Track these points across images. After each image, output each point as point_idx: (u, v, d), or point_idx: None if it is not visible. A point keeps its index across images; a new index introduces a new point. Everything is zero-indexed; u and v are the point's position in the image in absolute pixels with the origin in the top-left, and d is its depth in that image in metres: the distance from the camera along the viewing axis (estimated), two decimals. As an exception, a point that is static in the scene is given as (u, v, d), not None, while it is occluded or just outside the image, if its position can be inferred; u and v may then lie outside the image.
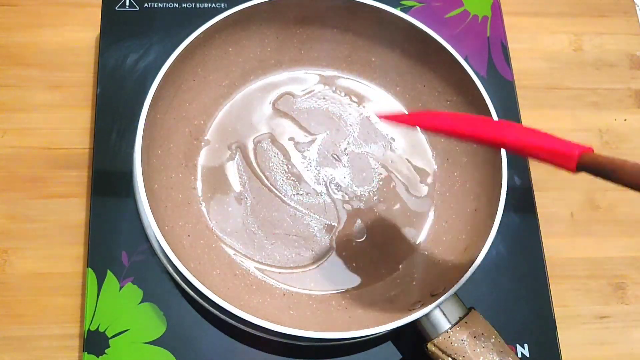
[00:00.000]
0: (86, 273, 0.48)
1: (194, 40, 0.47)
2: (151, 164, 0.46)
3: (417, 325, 0.44)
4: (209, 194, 0.50)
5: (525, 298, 0.51)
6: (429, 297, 0.45)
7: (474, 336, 0.43)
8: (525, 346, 0.49)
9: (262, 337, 0.46)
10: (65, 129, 0.54)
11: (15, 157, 0.53)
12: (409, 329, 0.44)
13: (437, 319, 0.44)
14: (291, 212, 0.51)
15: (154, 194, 0.45)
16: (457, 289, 0.43)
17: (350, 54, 0.54)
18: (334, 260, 0.50)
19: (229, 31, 0.50)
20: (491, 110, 0.48)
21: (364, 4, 0.50)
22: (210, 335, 0.47)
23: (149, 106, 0.45)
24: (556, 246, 0.55)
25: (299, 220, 0.50)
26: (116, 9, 0.56)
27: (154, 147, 0.47)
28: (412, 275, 0.49)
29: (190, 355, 0.46)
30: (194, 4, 0.57)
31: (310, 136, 0.53)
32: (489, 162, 0.49)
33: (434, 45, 0.50)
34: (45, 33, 0.57)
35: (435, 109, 0.53)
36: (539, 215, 0.53)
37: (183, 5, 0.56)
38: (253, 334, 0.46)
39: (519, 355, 0.49)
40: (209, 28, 0.48)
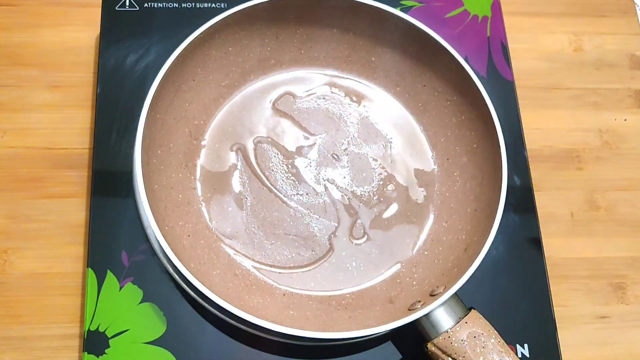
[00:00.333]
0: (86, 273, 0.48)
1: (194, 40, 0.47)
2: (151, 164, 0.46)
3: (417, 325, 0.44)
4: (208, 194, 0.50)
5: (525, 298, 0.50)
6: (429, 297, 0.45)
7: (474, 336, 0.43)
8: (525, 346, 0.49)
9: (262, 337, 0.46)
10: (65, 129, 0.54)
11: (15, 157, 0.53)
12: (409, 329, 0.44)
13: (437, 319, 0.44)
14: (291, 212, 0.51)
15: (154, 194, 0.45)
16: (457, 289, 0.43)
17: (350, 54, 0.54)
18: (334, 260, 0.50)
19: (229, 31, 0.50)
20: (491, 110, 0.48)
21: (363, 4, 0.50)
22: (210, 335, 0.47)
23: (149, 106, 0.45)
24: (556, 246, 0.55)
25: (299, 220, 0.50)
26: (116, 9, 0.56)
27: (153, 147, 0.47)
28: (412, 275, 0.49)
29: (190, 355, 0.46)
30: (194, 4, 0.57)
31: (310, 136, 0.53)
32: (489, 161, 0.49)
33: (433, 45, 0.50)
34: (45, 33, 0.57)
35: (435, 108, 0.53)
36: (539, 216, 0.53)
37: (183, 5, 0.56)
38: (253, 334, 0.46)
39: (519, 355, 0.49)
40: (209, 28, 0.48)
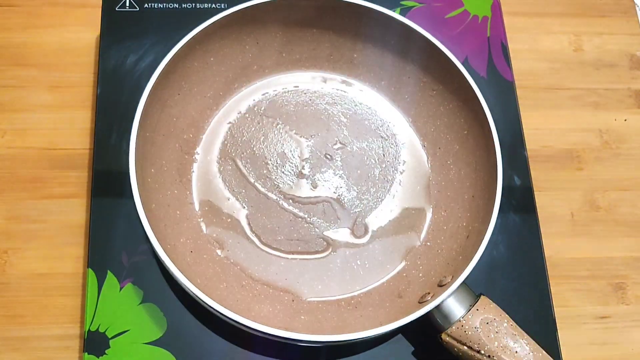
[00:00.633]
0: (86, 273, 0.48)
1: (175, 54, 0.47)
2: (146, 183, 0.46)
3: (429, 317, 0.44)
4: (206, 208, 0.50)
5: (525, 298, 0.50)
6: (438, 288, 0.45)
7: (487, 322, 0.43)
8: (526, 346, 0.49)
9: (260, 337, 0.46)
10: (65, 130, 0.54)
11: (15, 158, 0.53)
12: (420, 321, 0.44)
13: (448, 309, 0.43)
14: (290, 217, 0.50)
15: (152, 214, 0.45)
16: (465, 277, 0.43)
17: (332, 52, 0.54)
18: (338, 262, 0.50)
19: (208, 41, 0.50)
20: (477, 94, 0.48)
21: (340, 1, 0.50)
22: (210, 335, 0.47)
23: (137, 125, 0.45)
24: (556, 246, 0.55)
25: (299, 224, 0.50)
26: (116, 9, 0.56)
27: (146, 166, 0.47)
28: (418, 268, 0.49)
29: (190, 355, 0.46)
30: (194, 4, 0.57)
31: (300, 139, 0.53)
32: (481, 146, 0.49)
33: (414, 35, 0.50)
34: (45, 33, 0.57)
35: (422, 99, 0.53)
36: (539, 216, 0.53)
37: (183, 5, 0.56)
38: (252, 334, 0.45)
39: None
40: (189, 40, 0.48)
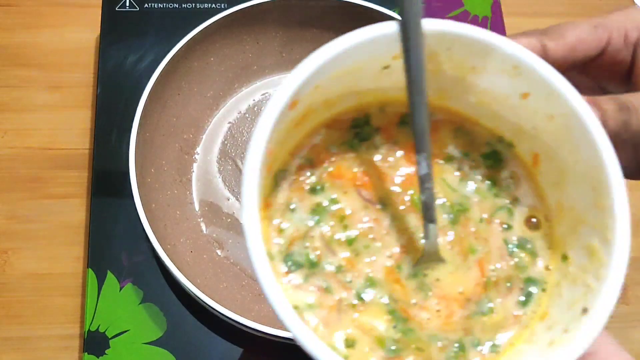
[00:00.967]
0: (86, 273, 0.48)
1: (175, 54, 0.47)
2: (146, 183, 0.46)
3: None
4: (205, 208, 0.50)
5: (525, 298, 0.50)
6: None
7: None
8: (526, 346, 0.49)
9: (260, 337, 0.46)
10: (65, 130, 0.54)
11: (15, 158, 0.53)
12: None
13: None
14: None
15: (152, 214, 0.45)
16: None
17: None
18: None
19: (208, 41, 0.50)
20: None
21: (341, 2, 0.50)
22: (209, 335, 0.47)
23: (137, 126, 0.45)
24: (556, 246, 0.54)
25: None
26: (116, 9, 0.55)
27: (146, 166, 0.47)
28: None
29: (190, 355, 0.46)
30: (194, 4, 0.57)
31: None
32: None
33: None
34: (45, 34, 0.57)
35: None
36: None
37: (183, 5, 0.56)
38: (252, 335, 0.45)
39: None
40: (188, 41, 0.48)
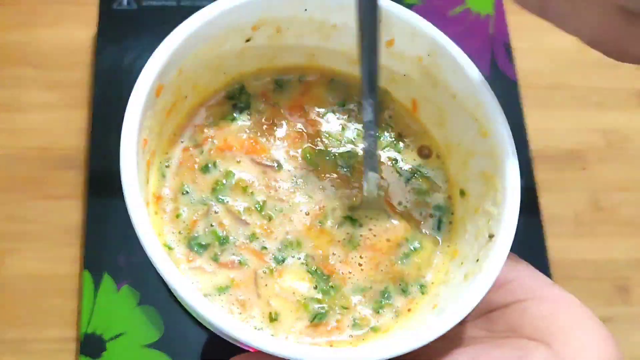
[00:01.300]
0: (82, 275, 0.47)
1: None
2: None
3: None
4: None
5: (528, 301, 0.50)
6: None
7: None
8: (528, 350, 0.48)
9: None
10: (61, 130, 0.53)
11: (10, 158, 0.52)
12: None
13: None
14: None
15: None
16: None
17: None
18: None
19: None
20: None
21: None
22: (207, 338, 0.47)
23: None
24: (560, 247, 0.54)
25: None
26: (113, 7, 0.55)
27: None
28: None
29: (187, 358, 0.46)
30: (192, 2, 0.56)
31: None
32: None
33: None
34: (41, 32, 0.56)
35: None
36: (543, 217, 0.53)
37: (182, 3, 0.56)
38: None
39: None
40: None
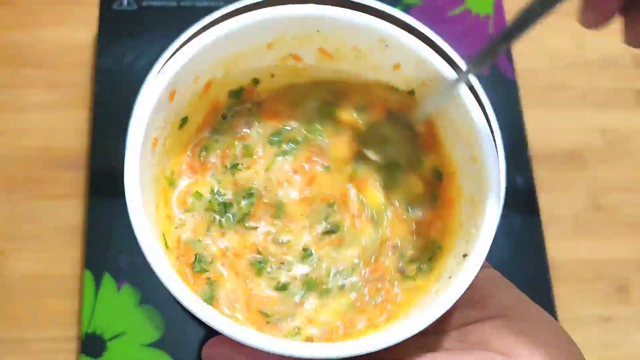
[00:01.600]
0: (83, 275, 0.47)
1: (179, 47, 0.47)
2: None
3: None
4: None
5: (527, 300, 0.50)
6: None
7: None
8: (528, 349, 0.49)
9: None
10: (62, 130, 0.53)
11: (11, 158, 0.52)
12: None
13: None
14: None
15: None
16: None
17: None
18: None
19: None
20: (479, 93, 0.45)
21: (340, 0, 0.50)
22: (208, 337, 0.47)
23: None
24: (559, 247, 0.54)
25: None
26: (114, 7, 0.55)
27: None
28: None
29: (188, 358, 0.46)
30: (193, 2, 0.56)
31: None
32: None
33: (414, 33, 0.48)
34: (42, 32, 0.56)
35: None
36: (542, 217, 0.53)
37: (182, 3, 0.56)
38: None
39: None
40: (187, 38, 0.47)
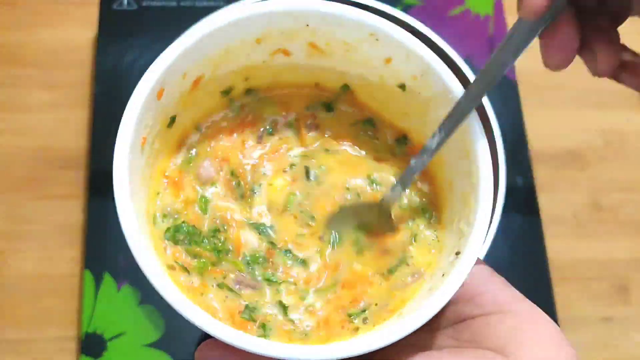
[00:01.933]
0: (83, 275, 0.47)
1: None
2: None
3: None
4: None
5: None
6: None
7: None
8: (528, 349, 0.49)
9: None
10: (62, 129, 0.53)
11: (11, 158, 0.52)
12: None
13: None
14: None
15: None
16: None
17: None
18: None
19: None
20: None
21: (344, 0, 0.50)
22: (208, 337, 0.47)
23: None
24: (559, 248, 0.54)
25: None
26: (114, 7, 0.55)
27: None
28: None
29: (188, 357, 0.46)
30: (192, 2, 0.56)
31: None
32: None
33: (414, 33, 0.50)
34: (42, 32, 0.56)
35: None
36: (542, 217, 0.53)
37: (182, 3, 0.56)
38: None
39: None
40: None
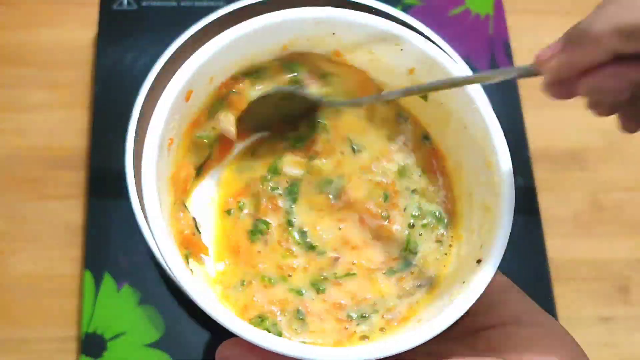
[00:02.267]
0: (83, 275, 0.47)
1: (173, 52, 0.46)
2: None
3: None
4: None
5: (527, 300, 0.50)
6: None
7: None
8: (528, 349, 0.48)
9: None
10: (62, 130, 0.53)
11: (11, 158, 0.52)
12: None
13: None
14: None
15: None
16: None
17: None
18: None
19: (207, 39, 0.48)
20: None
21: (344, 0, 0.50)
22: (207, 337, 0.47)
23: (135, 126, 0.44)
24: (559, 248, 0.54)
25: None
26: (114, 7, 0.55)
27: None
28: None
29: (188, 358, 0.46)
30: (192, 2, 0.56)
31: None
32: None
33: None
34: (42, 32, 0.57)
35: None
36: (542, 217, 0.53)
37: (182, 3, 0.56)
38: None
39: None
40: (187, 39, 0.47)
